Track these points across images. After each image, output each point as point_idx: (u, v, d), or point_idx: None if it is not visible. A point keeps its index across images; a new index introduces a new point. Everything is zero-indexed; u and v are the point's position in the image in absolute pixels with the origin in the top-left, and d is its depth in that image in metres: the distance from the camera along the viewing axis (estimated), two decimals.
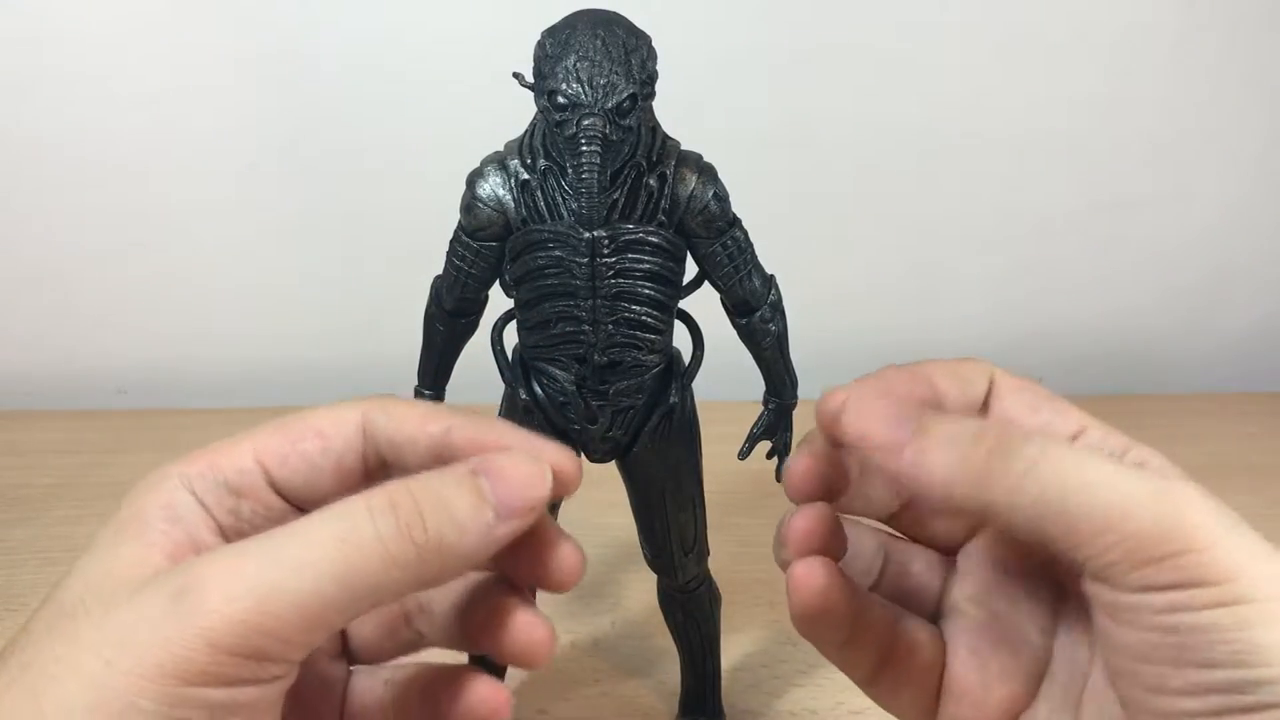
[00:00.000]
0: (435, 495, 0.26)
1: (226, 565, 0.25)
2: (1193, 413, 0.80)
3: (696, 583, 0.47)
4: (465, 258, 0.41)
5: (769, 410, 0.45)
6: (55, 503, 0.68)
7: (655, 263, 0.39)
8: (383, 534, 0.25)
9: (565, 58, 0.36)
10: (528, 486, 0.26)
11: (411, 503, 0.25)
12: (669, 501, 0.44)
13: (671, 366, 0.43)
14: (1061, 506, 0.25)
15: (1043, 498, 0.25)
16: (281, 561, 0.24)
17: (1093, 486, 0.25)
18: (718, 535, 0.48)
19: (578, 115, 0.36)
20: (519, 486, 0.26)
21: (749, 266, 0.41)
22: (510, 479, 0.26)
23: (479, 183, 0.39)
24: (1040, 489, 0.25)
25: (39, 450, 0.73)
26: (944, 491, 0.27)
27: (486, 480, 0.26)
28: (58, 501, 0.68)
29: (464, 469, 0.26)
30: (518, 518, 0.26)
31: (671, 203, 0.39)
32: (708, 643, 0.48)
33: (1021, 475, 0.26)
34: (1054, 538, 0.26)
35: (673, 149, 0.39)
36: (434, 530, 0.25)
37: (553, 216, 0.38)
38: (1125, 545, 0.25)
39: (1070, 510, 0.25)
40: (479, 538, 0.26)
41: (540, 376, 0.42)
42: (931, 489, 0.27)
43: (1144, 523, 0.25)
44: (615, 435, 0.42)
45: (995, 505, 0.26)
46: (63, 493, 0.69)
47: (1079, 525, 0.25)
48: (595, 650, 0.56)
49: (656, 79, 0.37)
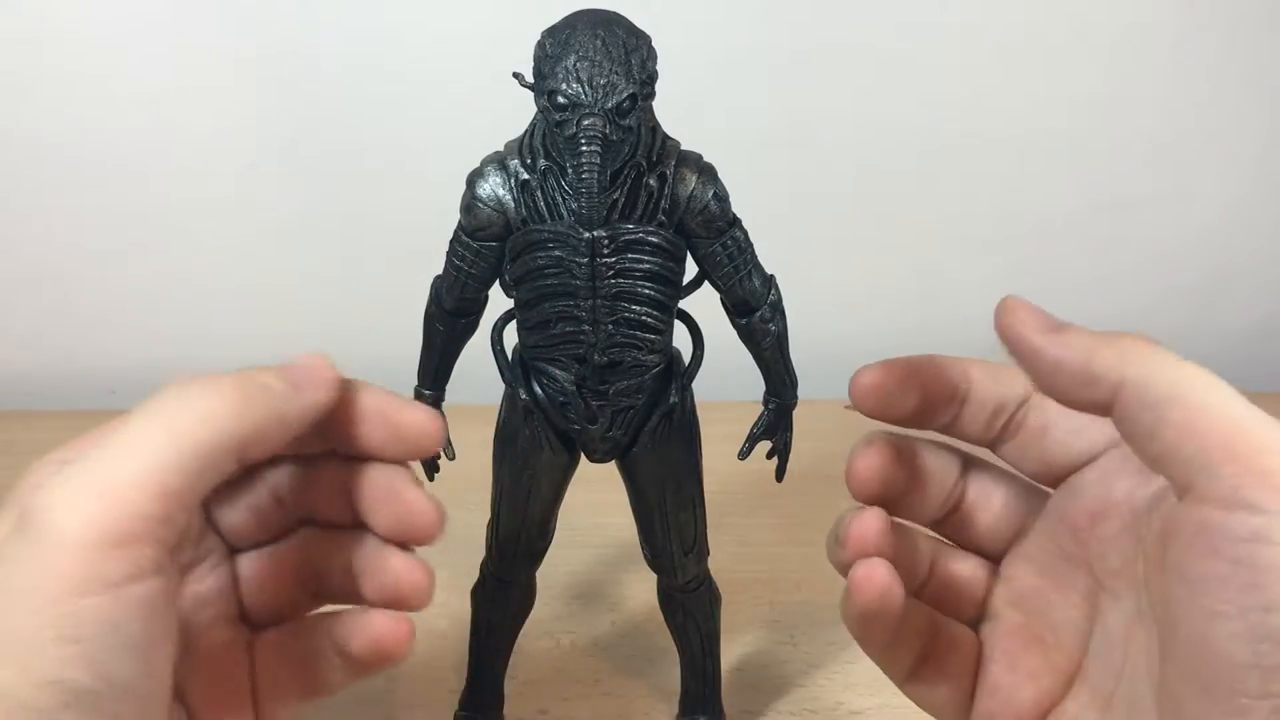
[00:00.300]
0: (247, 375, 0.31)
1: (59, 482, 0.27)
2: None
3: (696, 582, 0.47)
4: (465, 258, 0.41)
5: (769, 410, 0.45)
6: None
7: (655, 263, 0.39)
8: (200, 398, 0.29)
9: (565, 58, 0.36)
10: (317, 369, 0.32)
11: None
12: (669, 501, 0.44)
13: (671, 367, 0.43)
14: (1187, 400, 0.26)
15: (1177, 380, 0.27)
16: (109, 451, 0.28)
17: (1223, 397, 0.26)
18: (718, 535, 0.48)
19: (578, 115, 0.36)
20: (310, 370, 0.32)
21: (749, 266, 0.41)
22: (303, 365, 0.32)
23: (479, 183, 0.40)
24: (1177, 373, 0.27)
25: (38, 450, 0.73)
26: (1084, 362, 0.28)
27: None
28: None
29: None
30: (312, 387, 0.31)
31: (671, 203, 0.39)
32: (708, 643, 0.49)
33: (1161, 360, 0.27)
34: (1169, 429, 0.26)
35: (673, 149, 0.39)
36: (246, 388, 0.30)
37: (553, 216, 0.38)
38: (1237, 454, 0.25)
39: (1195, 405, 0.26)
40: (282, 399, 0.31)
41: (540, 376, 0.42)
42: (1074, 364, 0.28)
43: (1260, 442, 0.25)
44: (615, 435, 0.42)
45: (1129, 383, 0.27)
46: None
47: (1197, 422, 0.26)
48: (595, 650, 0.56)
49: (656, 79, 0.37)
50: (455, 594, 0.57)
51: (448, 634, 0.57)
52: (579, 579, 0.62)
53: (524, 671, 0.54)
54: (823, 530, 0.67)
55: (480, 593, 0.48)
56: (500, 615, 0.48)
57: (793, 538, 0.66)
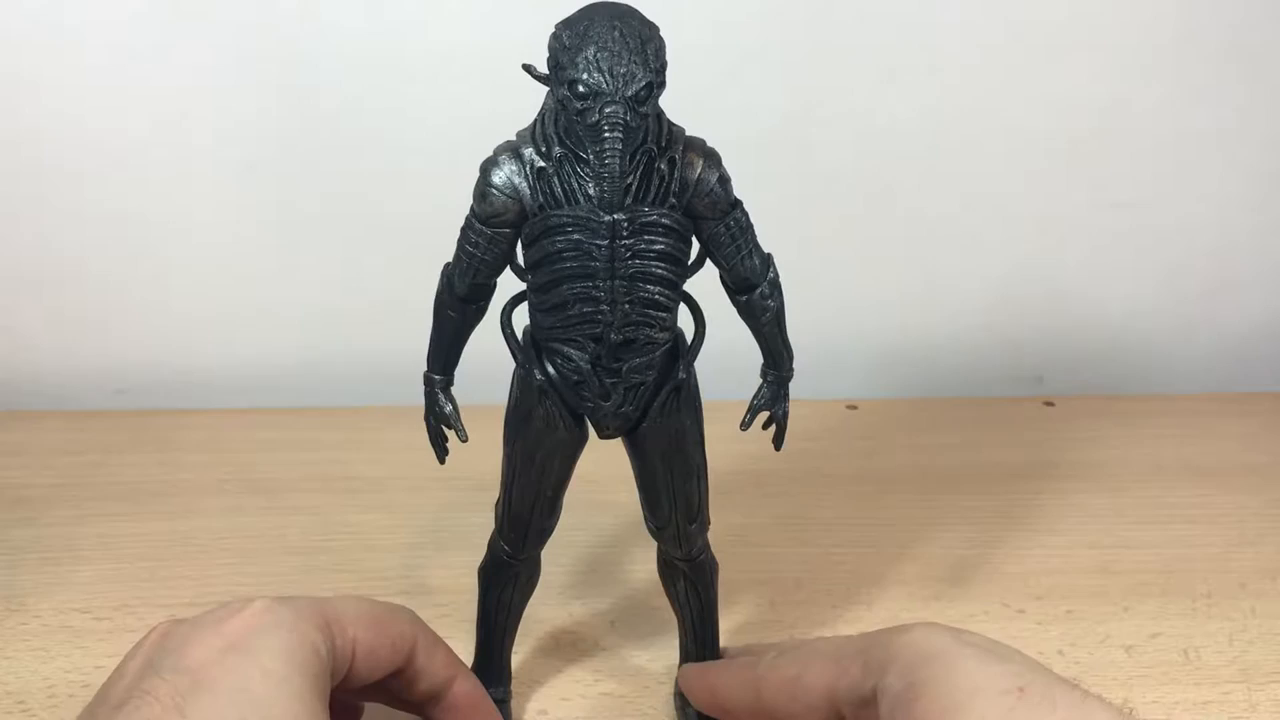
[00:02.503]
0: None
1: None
2: (1193, 413, 0.80)
3: (699, 551, 0.49)
4: (479, 244, 0.42)
5: (768, 382, 0.47)
6: (55, 503, 0.68)
7: (668, 243, 0.41)
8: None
9: (585, 49, 0.37)
10: None
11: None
12: (675, 472, 0.46)
13: (677, 344, 0.45)
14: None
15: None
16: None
17: None
18: (718, 535, 0.49)
19: (600, 103, 0.37)
20: None
21: (750, 246, 0.43)
22: None
23: (494, 170, 0.41)
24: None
25: (39, 450, 0.73)
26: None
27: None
28: (58, 501, 0.68)
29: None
30: None
31: (681, 185, 0.41)
32: (707, 609, 0.51)
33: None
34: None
35: (679, 135, 0.41)
36: None
37: (570, 202, 0.40)
38: None
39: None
40: None
41: (554, 357, 0.43)
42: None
43: None
44: (627, 410, 0.44)
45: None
46: (63, 493, 0.69)
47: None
48: (596, 651, 0.56)
49: (667, 68, 0.39)
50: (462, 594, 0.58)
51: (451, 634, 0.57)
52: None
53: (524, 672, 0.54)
54: (823, 530, 0.68)
55: (489, 570, 0.49)
56: (509, 591, 0.49)
57: (793, 538, 0.66)
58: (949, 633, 0.39)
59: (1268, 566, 0.64)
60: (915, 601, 0.60)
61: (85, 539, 0.64)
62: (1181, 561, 0.64)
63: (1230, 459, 0.75)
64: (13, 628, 0.57)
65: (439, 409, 0.45)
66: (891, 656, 0.38)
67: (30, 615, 0.58)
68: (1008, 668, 0.37)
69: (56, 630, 0.57)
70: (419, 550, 0.64)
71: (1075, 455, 0.75)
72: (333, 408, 0.80)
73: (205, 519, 0.66)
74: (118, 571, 0.61)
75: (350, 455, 0.74)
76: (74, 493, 0.69)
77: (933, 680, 0.36)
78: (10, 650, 0.55)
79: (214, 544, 0.64)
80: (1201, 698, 0.53)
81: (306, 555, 0.62)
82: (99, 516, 0.67)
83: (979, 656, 0.37)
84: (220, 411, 0.79)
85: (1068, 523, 0.68)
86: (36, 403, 0.80)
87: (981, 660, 0.37)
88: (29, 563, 0.62)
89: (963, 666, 0.37)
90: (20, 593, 0.59)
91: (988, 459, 0.75)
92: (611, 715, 0.52)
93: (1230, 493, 0.71)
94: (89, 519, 0.66)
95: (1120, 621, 0.59)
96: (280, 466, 0.72)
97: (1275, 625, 0.59)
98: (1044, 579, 0.62)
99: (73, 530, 0.65)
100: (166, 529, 0.65)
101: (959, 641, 0.38)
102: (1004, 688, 0.35)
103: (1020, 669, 0.37)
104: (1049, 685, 0.36)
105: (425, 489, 0.69)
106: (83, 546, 0.64)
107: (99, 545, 0.64)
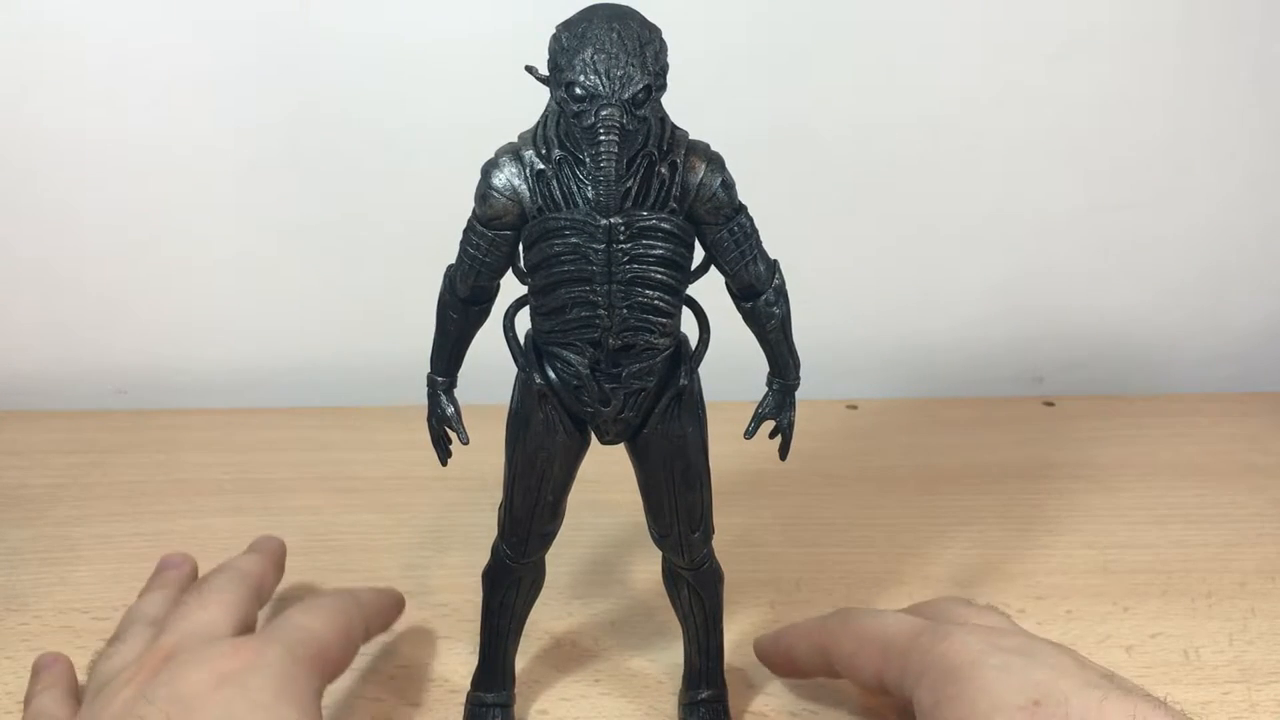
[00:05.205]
0: None
1: None
2: (1193, 413, 0.80)
3: (702, 560, 0.48)
4: (480, 246, 0.42)
5: (773, 390, 0.46)
6: (55, 503, 0.68)
7: (668, 248, 0.40)
8: None
9: (583, 50, 0.37)
10: None
11: None
12: (678, 480, 0.45)
13: (680, 350, 0.44)
14: None
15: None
16: None
17: None
18: (718, 534, 0.49)
19: (596, 106, 0.37)
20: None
21: (755, 252, 0.43)
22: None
23: (494, 172, 0.40)
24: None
25: (39, 450, 0.73)
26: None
27: None
28: (58, 501, 0.68)
29: None
30: None
31: (682, 190, 0.40)
32: (712, 619, 0.50)
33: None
34: None
35: (681, 138, 0.41)
36: None
37: (568, 205, 0.40)
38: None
39: None
40: None
41: (554, 361, 0.43)
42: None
43: None
44: (627, 416, 0.43)
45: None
46: (63, 493, 0.69)
47: None
48: (596, 652, 0.56)
49: (668, 71, 0.38)
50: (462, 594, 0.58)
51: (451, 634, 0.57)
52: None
53: (525, 672, 0.54)
54: (823, 530, 0.68)
55: (492, 574, 0.49)
56: (512, 595, 0.49)
57: (793, 538, 0.66)
58: (983, 640, 0.41)
59: (1268, 566, 0.64)
60: (915, 602, 0.60)
61: (85, 539, 0.64)
62: (1181, 561, 0.64)
63: (1230, 459, 0.75)
64: (13, 628, 0.57)
65: (441, 411, 0.45)
66: (926, 667, 0.41)
67: (30, 615, 0.58)
68: (1028, 678, 0.38)
69: (56, 630, 0.57)
70: (419, 550, 0.64)
71: (1075, 455, 0.75)
72: (333, 407, 0.80)
73: (205, 519, 0.66)
74: (118, 571, 0.61)
75: (350, 455, 0.74)
76: (74, 493, 0.69)
77: (957, 698, 0.38)
78: (10, 650, 0.55)
79: (214, 544, 0.63)
80: (1201, 698, 0.53)
81: (306, 555, 0.62)
82: (99, 516, 0.67)
83: (1003, 668, 0.39)
84: (220, 411, 0.79)
85: (1068, 523, 0.68)
86: (36, 403, 0.80)
87: (1003, 672, 0.38)
88: (29, 563, 0.62)
89: (984, 682, 0.38)
90: (20, 593, 0.60)
91: (988, 459, 0.75)
92: (612, 716, 0.52)
93: (1230, 493, 0.71)
94: (89, 519, 0.66)
95: (1120, 621, 0.59)
96: (280, 466, 0.72)
97: (1275, 625, 0.59)
98: (1044, 579, 0.62)
99: (73, 530, 0.65)
100: (166, 529, 0.65)
101: (991, 649, 0.40)
102: (1019, 703, 0.37)
103: (1043, 678, 0.38)
104: (1067, 696, 0.37)
105: (425, 489, 0.69)
106: (83, 546, 0.64)
107: (99, 545, 0.64)
